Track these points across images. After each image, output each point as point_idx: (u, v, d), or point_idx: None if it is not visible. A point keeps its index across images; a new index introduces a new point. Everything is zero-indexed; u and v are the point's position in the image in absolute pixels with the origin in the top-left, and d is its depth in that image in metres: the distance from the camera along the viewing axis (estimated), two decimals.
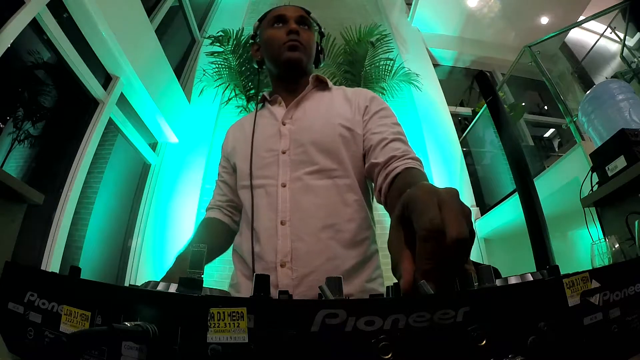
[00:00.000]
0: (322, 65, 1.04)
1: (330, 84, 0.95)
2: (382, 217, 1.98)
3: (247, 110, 3.51)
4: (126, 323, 0.31)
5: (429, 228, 0.32)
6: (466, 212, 0.34)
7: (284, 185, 0.77)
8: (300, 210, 0.75)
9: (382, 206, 0.73)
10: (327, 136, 0.80)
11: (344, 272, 0.71)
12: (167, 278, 0.70)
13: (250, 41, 1.01)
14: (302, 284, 0.70)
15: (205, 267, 0.43)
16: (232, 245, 0.91)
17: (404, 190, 0.40)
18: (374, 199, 0.80)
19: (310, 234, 0.73)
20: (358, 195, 0.79)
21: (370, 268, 0.77)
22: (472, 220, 0.35)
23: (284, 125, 0.85)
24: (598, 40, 4.37)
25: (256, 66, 0.99)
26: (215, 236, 0.89)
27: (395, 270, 0.36)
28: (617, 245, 0.75)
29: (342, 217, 0.75)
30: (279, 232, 0.73)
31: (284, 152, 0.80)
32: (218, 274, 3.08)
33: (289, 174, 0.78)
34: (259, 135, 0.85)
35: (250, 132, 0.86)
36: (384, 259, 0.72)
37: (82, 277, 0.42)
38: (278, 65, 0.91)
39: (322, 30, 1.01)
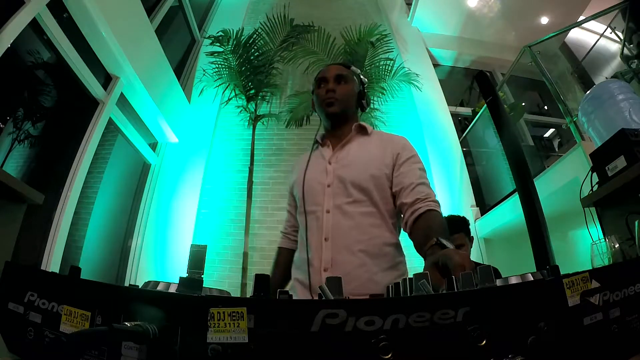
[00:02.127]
0: (367, 110, 1.23)
1: (369, 129, 1.14)
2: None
3: (247, 110, 3.51)
4: (126, 323, 0.31)
5: (458, 265, 0.61)
6: (468, 260, 0.64)
7: (327, 212, 1.00)
8: (338, 230, 0.97)
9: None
10: (361, 177, 1.01)
11: (371, 275, 0.92)
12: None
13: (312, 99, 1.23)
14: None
15: (205, 267, 0.43)
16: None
17: (425, 229, 0.88)
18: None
19: (345, 248, 0.95)
20: (382, 220, 1.00)
21: (394, 274, 0.96)
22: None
23: (330, 164, 1.07)
24: (598, 40, 4.37)
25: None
26: (286, 267, 1.12)
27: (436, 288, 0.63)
28: (617, 245, 0.75)
29: (369, 235, 0.96)
30: (323, 246, 0.97)
31: (328, 186, 1.03)
32: (218, 274, 3.08)
33: (332, 203, 1.01)
34: (311, 170, 1.09)
35: (305, 168, 1.10)
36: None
37: (82, 277, 0.42)
38: (323, 117, 1.15)
39: (362, 78, 1.19)
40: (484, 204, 3.53)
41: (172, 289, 0.39)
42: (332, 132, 1.14)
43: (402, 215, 1.00)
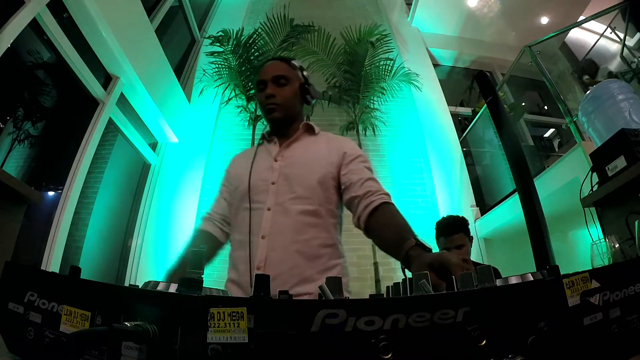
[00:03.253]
0: (313, 102, 1.17)
1: (317, 129, 1.13)
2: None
3: (247, 110, 3.51)
4: (126, 323, 0.31)
5: (458, 265, 0.61)
6: (464, 261, 0.66)
7: (269, 209, 0.97)
8: (276, 228, 0.94)
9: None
10: (306, 174, 1.00)
11: (302, 278, 0.89)
12: (169, 276, 0.81)
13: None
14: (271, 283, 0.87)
15: (205, 267, 0.43)
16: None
17: (390, 226, 0.86)
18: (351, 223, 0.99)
19: (281, 247, 0.92)
20: (321, 220, 0.97)
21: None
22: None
23: (276, 161, 1.04)
24: (598, 40, 4.37)
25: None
26: (210, 249, 1.05)
27: (436, 289, 0.58)
28: (617, 245, 0.75)
29: (306, 235, 0.94)
30: (259, 244, 0.93)
31: (273, 183, 1.00)
32: (218, 274, 3.07)
33: (274, 200, 0.98)
34: (256, 167, 1.04)
35: (251, 164, 1.05)
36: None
37: (82, 277, 0.42)
38: (266, 121, 1.12)
39: (305, 73, 1.15)
40: (484, 204, 3.53)
41: (172, 289, 0.39)
42: (277, 132, 1.12)
43: (353, 210, 0.96)
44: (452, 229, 1.82)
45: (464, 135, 4.03)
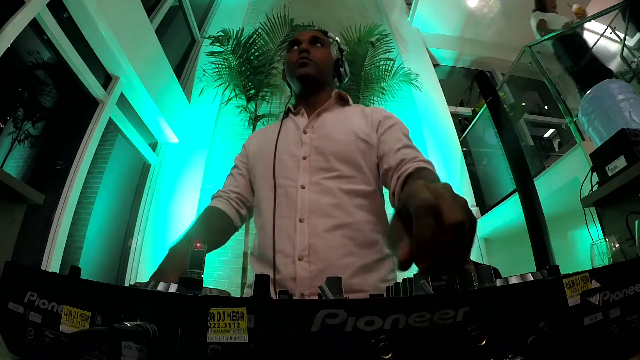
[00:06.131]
0: (345, 81, 1.10)
1: (350, 101, 1.02)
2: None
3: (247, 110, 3.51)
4: (126, 323, 0.31)
5: (422, 205, 0.34)
6: (460, 201, 0.36)
7: (303, 187, 0.82)
8: (318, 209, 0.79)
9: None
10: (346, 147, 0.86)
11: (358, 268, 0.76)
12: (159, 274, 0.71)
13: (283, 67, 1.09)
14: (318, 276, 0.74)
15: (205, 267, 0.43)
16: (225, 244, 0.94)
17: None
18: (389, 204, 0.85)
19: (326, 231, 0.77)
20: (373, 201, 0.84)
21: (385, 269, 0.80)
22: (470, 208, 0.36)
23: (305, 133, 0.91)
24: (598, 40, 4.37)
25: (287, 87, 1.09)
26: (214, 230, 0.87)
27: (393, 251, 0.40)
28: (617, 245, 0.75)
29: (356, 218, 0.80)
30: (297, 229, 0.78)
31: (304, 158, 0.86)
32: (218, 274, 3.08)
33: (308, 178, 0.83)
34: (282, 141, 0.91)
35: (274, 138, 0.92)
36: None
37: (82, 277, 0.42)
38: (294, 82, 0.99)
39: (342, 46, 1.07)
40: (484, 204, 3.53)
41: (172, 289, 0.39)
42: (305, 99, 0.99)
43: (388, 186, 0.82)
44: None
45: (464, 135, 4.03)
